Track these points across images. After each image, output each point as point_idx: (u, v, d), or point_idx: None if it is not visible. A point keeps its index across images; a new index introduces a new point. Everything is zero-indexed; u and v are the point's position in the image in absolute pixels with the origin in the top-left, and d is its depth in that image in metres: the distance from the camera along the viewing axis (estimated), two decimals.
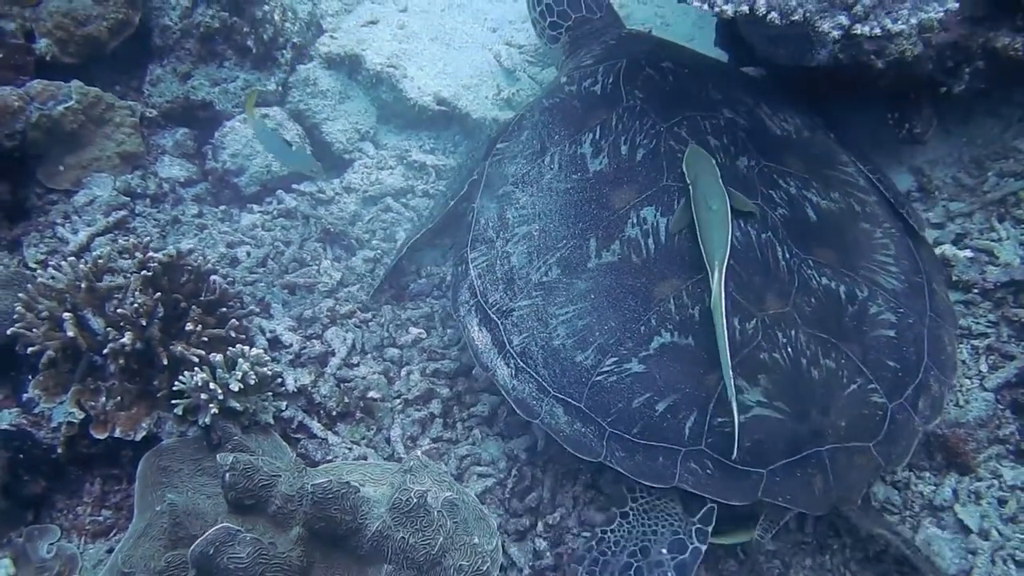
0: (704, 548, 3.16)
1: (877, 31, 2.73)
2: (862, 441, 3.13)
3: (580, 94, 3.94)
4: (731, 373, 3.02)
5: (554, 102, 4.00)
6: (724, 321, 3.06)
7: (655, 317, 3.27)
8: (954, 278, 3.89)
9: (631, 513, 3.27)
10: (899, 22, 2.71)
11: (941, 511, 3.44)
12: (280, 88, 4.91)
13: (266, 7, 4.75)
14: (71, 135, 4.40)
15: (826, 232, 3.48)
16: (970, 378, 3.71)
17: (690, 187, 3.39)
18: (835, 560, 3.38)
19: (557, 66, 4.74)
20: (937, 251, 3.94)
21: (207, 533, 2.67)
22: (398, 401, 3.82)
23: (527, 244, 3.61)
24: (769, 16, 2.79)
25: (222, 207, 4.64)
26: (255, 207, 4.62)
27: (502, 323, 3.53)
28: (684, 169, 3.45)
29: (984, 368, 3.72)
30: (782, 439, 3.09)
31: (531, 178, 3.77)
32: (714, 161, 3.44)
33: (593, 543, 3.26)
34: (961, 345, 3.79)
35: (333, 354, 3.89)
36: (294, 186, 4.65)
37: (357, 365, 3.91)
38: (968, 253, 3.95)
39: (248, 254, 4.31)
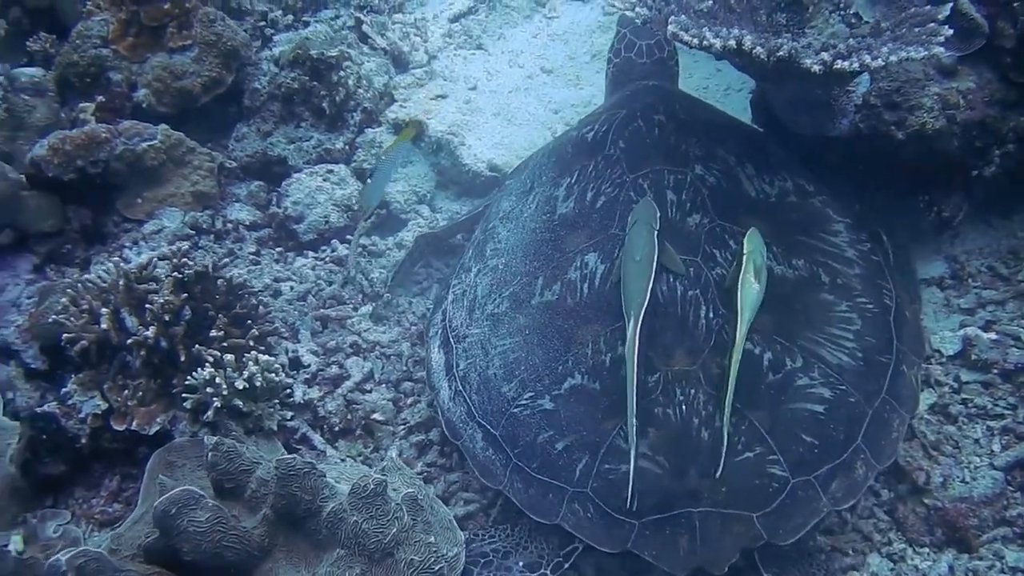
0: None
1: (856, 66, 2.81)
2: (744, 510, 3.05)
3: (576, 140, 4.06)
4: (635, 422, 3.03)
5: (555, 145, 4.17)
6: (634, 371, 3.08)
7: (572, 359, 3.35)
8: (973, 357, 3.76)
9: (520, 522, 3.37)
10: (878, 59, 2.79)
11: None
12: (347, 147, 5.24)
13: (342, 73, 5.15)
14: (151, 171, 4.81)
15: (767, 298, 3.36)
16: (980, 456, 3.55)
17: (625, 238, 3.45)
18: None
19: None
20: (960, 332, 3.85)
21: (171, 492, 2.80)
22: (402, 428, 3.92)
23: (492, 276, 3.74)
24: (755, 51, 2.91)
25: (279, 249, 4.92)
26: (310, 252, 4.88)
27: (456, 347, 3.67)
28: (629, 219, 3.50)
29: (997, 448, 3.56)
30: (657, 494, 3.06)
31: (514, 215, 3.92)
32: (658, 215, 3.45)
33: (479, 528, 3.44)
34: (975, 424, 3.65)
35: (348, 378, 4.03)
36: (348, 237, 4.90)
37: (370, 391, 4.04)
38: (992, 336, 3.81)
39: (291, 288, 4.54)
